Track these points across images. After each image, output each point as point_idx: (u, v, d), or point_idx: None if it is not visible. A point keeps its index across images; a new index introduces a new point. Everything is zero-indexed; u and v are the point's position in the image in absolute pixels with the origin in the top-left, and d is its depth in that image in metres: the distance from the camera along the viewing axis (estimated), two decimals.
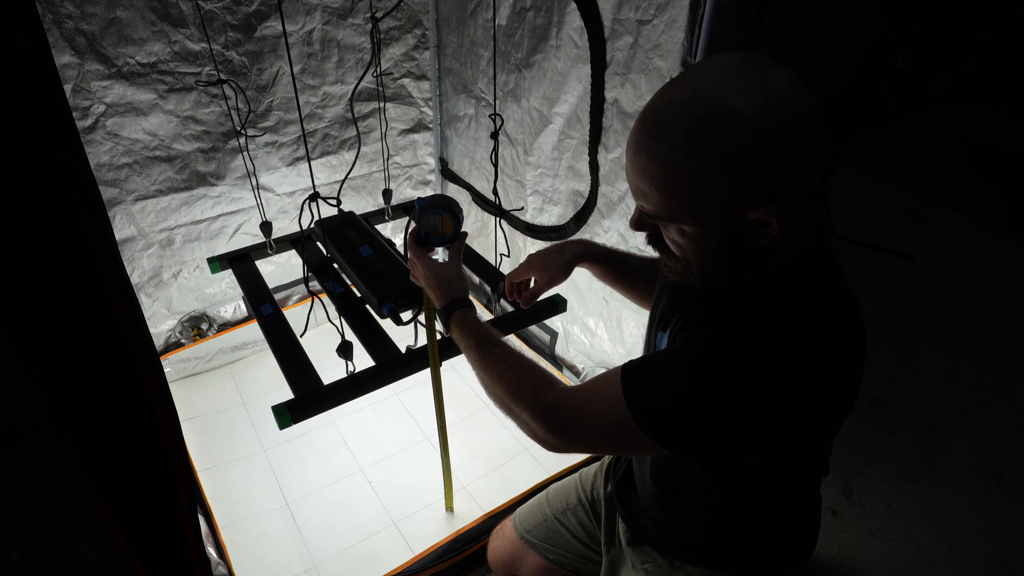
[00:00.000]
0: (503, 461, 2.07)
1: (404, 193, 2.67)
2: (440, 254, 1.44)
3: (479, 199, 2.46)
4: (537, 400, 0.91)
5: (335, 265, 1.71)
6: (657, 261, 0.94)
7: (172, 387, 2.27)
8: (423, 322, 1.51)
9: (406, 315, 1.54)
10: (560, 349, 2.37)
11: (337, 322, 1.56)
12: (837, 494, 2.10)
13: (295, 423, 1.38)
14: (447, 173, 2.61)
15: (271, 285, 1.81)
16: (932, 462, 2.22)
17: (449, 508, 1.90)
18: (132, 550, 1.12)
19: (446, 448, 1.72)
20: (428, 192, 2.72)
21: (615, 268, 1.31)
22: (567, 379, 2.27)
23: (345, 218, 1.80)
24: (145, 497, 1.13)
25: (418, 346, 1.54)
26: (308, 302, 1.76)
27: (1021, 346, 2.74)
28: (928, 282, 3.14)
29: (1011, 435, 2.33)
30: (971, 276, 3.20)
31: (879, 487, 2.13)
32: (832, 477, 2.12)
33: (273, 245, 1.89)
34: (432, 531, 1.84)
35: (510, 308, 1.82)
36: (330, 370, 1.51)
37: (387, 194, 2.12)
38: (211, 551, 1.67)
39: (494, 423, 2.21)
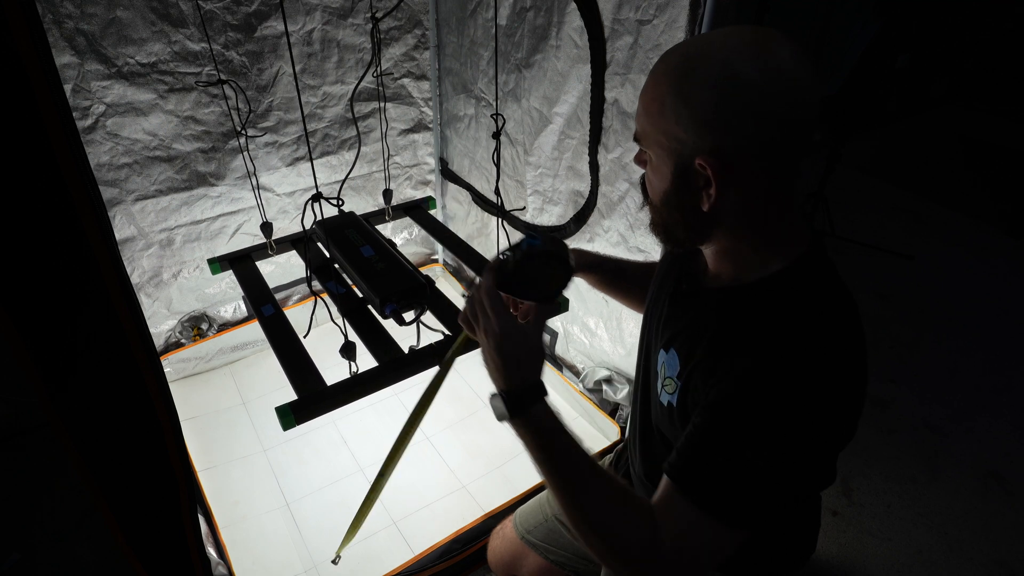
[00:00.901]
0: (503, 461, 2.07)
1: (404, 193, 2.67)
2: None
3: (479, 199, 2.46)
4: (629, 559, 0.82)
5: (336, 266, 1.71)
6: (651, 266, 0.93)
7: (172, 387, 2.26)
8: (425, 323, 1.50)
9: (408, 315, 1.54)
10: (560, 349, 2.37)
11: (339, 322, 1.56)
12: (837, 494, 2.10)
13: (299, 424, 1.38)
14: (447, 173, 2.61)
15: (271, 285, 1.81)
16: (932, 462, 2.22)
17: (337, 557, 1.62)
18: (132, 550, 1.12)
19: (380, 484, 1.46)
20: (428, 192, 2.72)
21: (610, 275, 1.31)
22: (567, 379, 2.27)
23: (346, 218, 1.80)
24: (145, 497, 1.13)
25: (420, 346, 1.54)
26: (307, 302, 1.76)
27: (1021, 346, 2.73)
28: (928, 282, 3.14)
29: (1011, 435, 2.33)
30: (971, 276, 3.20)
31: (879, 487, 2.13)
32: (833, 478, 2.12)
33: (274, 246, 1.89)
34: (432, 531, 1.84)
35: None
36: (332, 370, 1.51)
37: (387, 194, 2.12)
38: (211, 551, 1.67)
39: (494, 423, 2.20)
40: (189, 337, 2.35)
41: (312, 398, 1.40)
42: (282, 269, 2.47)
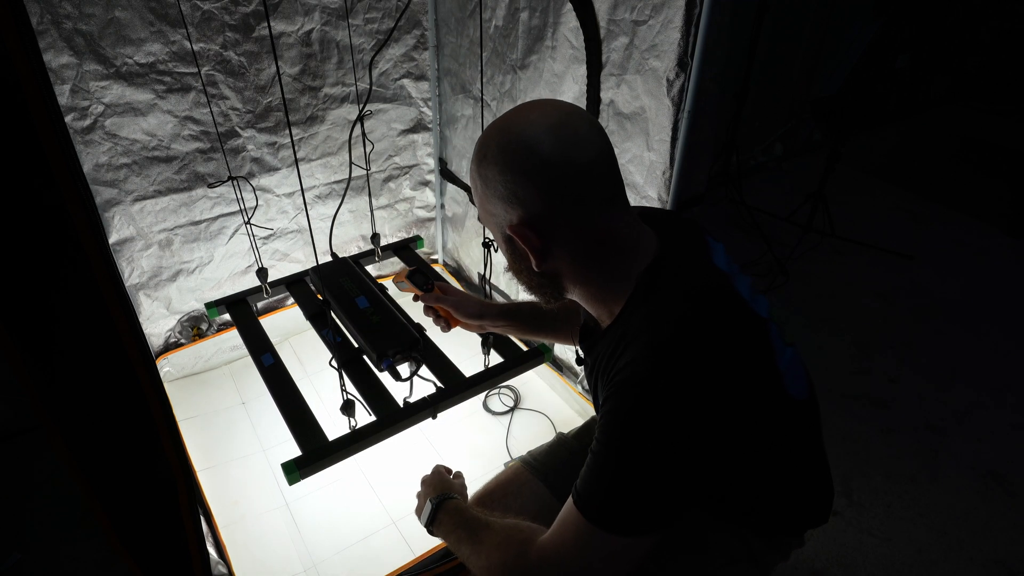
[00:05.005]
0: (503, 461, 2.08)
1: (403, 192, 2.68)
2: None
3: None
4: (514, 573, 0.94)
5: (331, 312, 1.77)
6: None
7: (171, 387, 2.29)
8: (420, 375, 1.58)
9: (403, 370, 1.60)
10: (560, 350, 2.37)
11: (341, 378, 1.61)
12: (837, 494, 2.09)
13: (303, 479, 1.45)
14: (446, 173, 2.61)
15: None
16: (932, 462, 2.22)
17: None
18: (128, 551, 1.12)
19: None
20: (428, 192, 2.73)
21: (527, 318, 1.42)
22: (567, 380, 2.27)
23: (339, 265, 1.85)
24: (142, 497, 1.14)
25: (414, 400, 1.60)
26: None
27: (1021, 346, 2.73)
28: (928, 282, 3.14)
29: (1011, 435, 2.32)
30: (971, 276, 3.19)
31: (879, 487, 2.13)
32: (832, 479, 2.12)
33: (268, 290, 1.94)
34: None
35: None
36: (329, 409, 1.54)
37: (375, 238, 2.16)
38: (211, 550, 1.67)
39: (493, 423, 2.22)
40: (189, 337, 2.36)
41: (315, 454, 1.47)
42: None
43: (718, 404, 0.82)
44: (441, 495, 1.23)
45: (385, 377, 1.61)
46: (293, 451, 1.52)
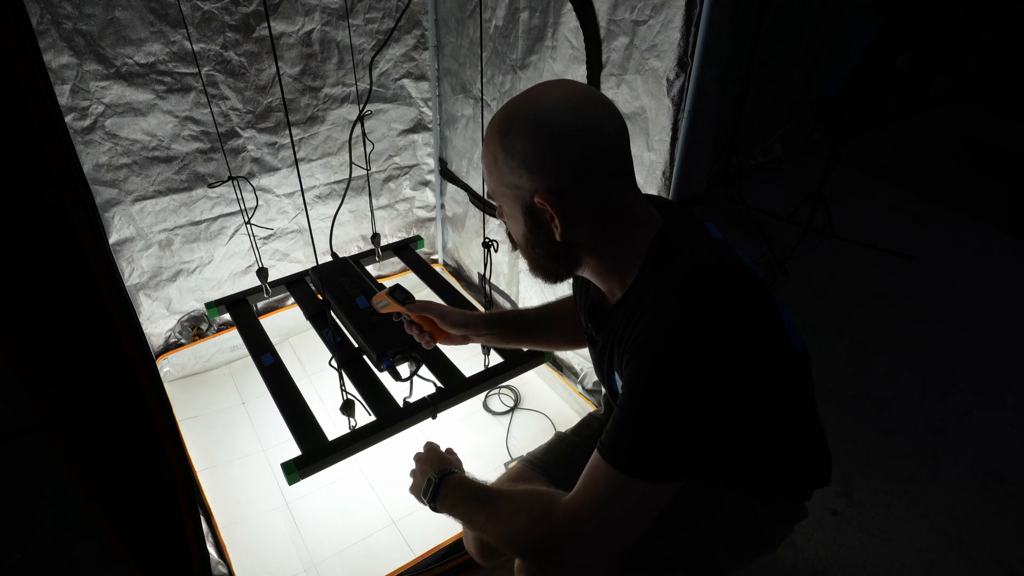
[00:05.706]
0: (503, 461, 2.08)
1: (403, 192, 2.68)
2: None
3: (476, 199, 2.47)
4: (542, 549, 0.97)
5: (331, 313, 1.77)
6: (557, 305, 1.17)
7: (171, 387, 2.29)
8: (421, 376, 1.59)
9: (403, 370, 1.62)
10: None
11: (341, 378, 1.62)
12: (837, 494, 2.09)
13: (303, 479, 1.46)
14: (446, 173, 2.61)
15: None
16: (932, 462, 2.22)
17: None
18: (128, 552, 1.12)
19: None
20: (428, 192, 2.73)
21: (512, 328, 1.44)
22: (567, 380, 2.27)
23: (339, 264, 1.85)
24: (142, 498, 1.14)
25: (414, 400, 1.61)
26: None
27: (1021, 346, 2.73)
28: (928, 282, 3.14)
29: (1011, 435, 2.32)
30: (971, 276, 3.19)
31: (879, 487, 2.13)
32: (832, 477, 2.12)
33: (268, 289, 1.95)
34: (432, 531, 1.84)
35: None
36: (329, 409, 1.54)
37: (376, 238, 2.16)
38: (211, 551, 1.67)
39: (493, 423, 2.22)
40: (189, 337, 2.36)
41: (315, 454, 1.48)
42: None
43: (737, 355, 0.87)
44: (442, 470, 1.25)
45: (385, 377, 1.62)
46: (293, 451, 1.52)
